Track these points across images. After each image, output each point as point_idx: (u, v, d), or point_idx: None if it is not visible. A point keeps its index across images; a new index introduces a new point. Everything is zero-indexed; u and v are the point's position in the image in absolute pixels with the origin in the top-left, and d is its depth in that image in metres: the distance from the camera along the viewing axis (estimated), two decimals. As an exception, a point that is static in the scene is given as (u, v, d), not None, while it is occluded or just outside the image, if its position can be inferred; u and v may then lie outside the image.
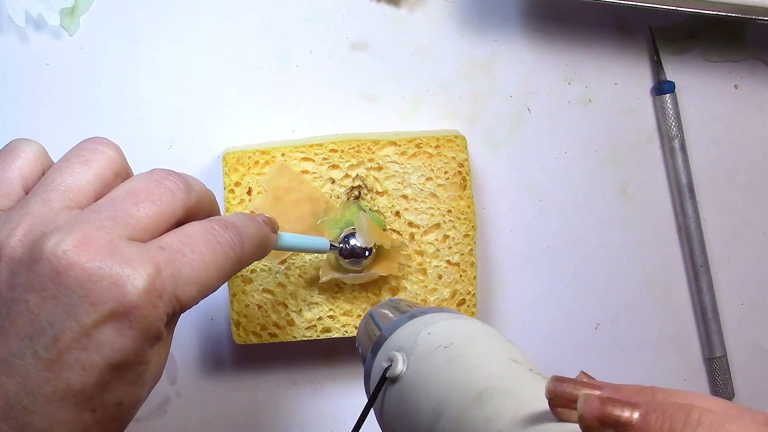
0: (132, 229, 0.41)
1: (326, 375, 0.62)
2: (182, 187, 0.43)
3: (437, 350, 0.39)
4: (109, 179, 0.43)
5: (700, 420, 0.28)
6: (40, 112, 0.60)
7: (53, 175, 0.42)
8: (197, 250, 0.42)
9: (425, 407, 0.37)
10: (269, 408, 0.61)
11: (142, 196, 0.42)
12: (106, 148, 0.43)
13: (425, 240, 0.57)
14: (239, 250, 0.44)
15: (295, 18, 0.60)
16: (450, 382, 0.36)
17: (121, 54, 0.60)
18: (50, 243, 0.39)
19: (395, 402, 0.39)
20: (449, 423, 0.35)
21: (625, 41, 0.62)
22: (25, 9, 0.59)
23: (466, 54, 0.61)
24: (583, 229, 0.62)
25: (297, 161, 0.57)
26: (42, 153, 0.44)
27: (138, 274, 0.39)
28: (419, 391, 0.38)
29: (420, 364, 0.39)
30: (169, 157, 0.60)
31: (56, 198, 0.41)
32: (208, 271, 0.42)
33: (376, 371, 0.41)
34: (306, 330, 0.57)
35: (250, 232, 0.45)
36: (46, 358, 0.39)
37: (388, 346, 0.41)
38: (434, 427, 0.36)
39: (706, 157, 0.63)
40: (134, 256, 0.39)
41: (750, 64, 0.63)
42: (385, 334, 0.42)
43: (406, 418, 0.38)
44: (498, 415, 0.33)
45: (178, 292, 0.41)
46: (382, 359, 0.41)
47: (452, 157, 0.57)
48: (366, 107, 0.61)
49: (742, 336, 0.63)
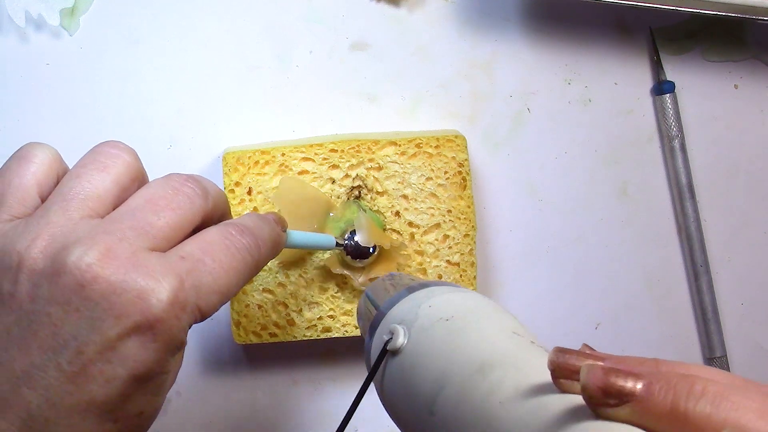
0: (153, 239, 0.40)
1: (326, 375, 0.62)
2: (200, 194, 0.43)
3: (438, 323, 0.38)
4: (126, 185, 0.43)
5: (704, 390, 0.27)
6: (40, 112, 0.60)
7: (71, 183, 0.42)
8: (217, 258, 0.42)
9: (427, 380, 0.37)
10: (269, 408, 0.61)
11: (161, 204, 0.41)
12: (123, 153, 0.43)
13: (425, 240, 0.57)
14: (256, 254, 0.44)
15: (295, 18, 0.60)
16: (452, 354, 0.36)
17: (121, 54, 0.60)
18: (73, 256, 0.39)
19: (396, 375, 0.39)
20: (451, 395, 0.35)
21: (625, 41, 0.62)
22: (25, 9, 0.59)
23: (466, 54, 0.61)
24: (583, 229, 0.62)
25: (297, 161, 0.57)
26: (56, 157, 0.44)
27: (162, 287, 0.39)
28: (420, 364, 0.38)
29: (421, 337, 0.39)
30: (169, 157, 0.60)
31: (75, 207, 0.41)
32: (228, 278, 0.42)
33: (376, 345, 0.41)
34: (306, 330, 0.57)
35: (264, 234, 0.45)
36: (69, 371, 0.38)
37: (389, 320, 0.41)
38: (436, 400, 0.35)
39: (706, 157, 0.63)
40: (157, 268, 0.39)
41: (750, 64, 0.63)
42: (384, 309, 0.42)
43: (407, 391, 0.38)
44: (500, 386, 0.33)
45: (200, 302, 0.41)
46: (383, 333, 0.41)
47: (452, 157, 0.57)
48: (366, 107, 0.61)
49: (742, 336, 0.63)
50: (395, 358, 0.39)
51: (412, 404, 0.37)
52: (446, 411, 0.35)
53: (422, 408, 0.36)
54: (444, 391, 0.35)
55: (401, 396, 0.39)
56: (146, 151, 0.60)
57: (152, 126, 0.60)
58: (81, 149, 0.60)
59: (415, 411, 0.37)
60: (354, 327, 0.57)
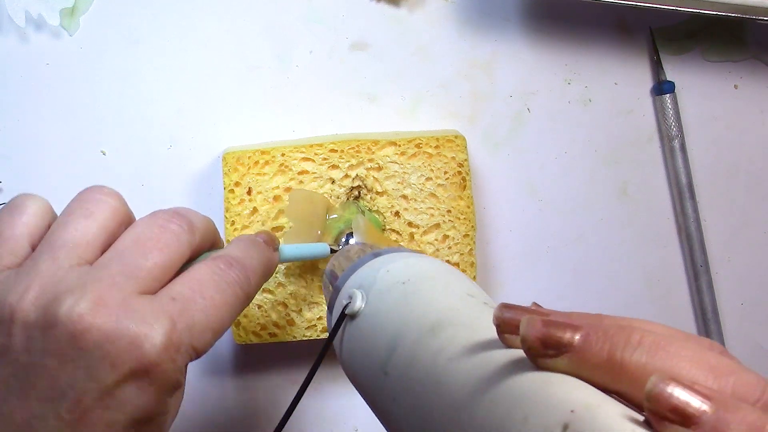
0: (143, 282, 0.41)
1: (326, 375, 0.62)
2: (186, 229, 0.43)
3: (395, 286, 0.39)
4: (113, 230, 0.43)
5: (641, 341, 0.28)
6: (40, 112, 0.60)
7: (59, 231, 0.42)
8: (207, 295, 0.42)
9: (382, 341, 0.37)
10: (269, 408, 0.61)
11: (148, 245, 0.42)
12: (109, 198, 0.43)
13: (425, 240, 0.57)
14: (246, 286, 0.44)
15: (295, 18, 0.60)
16: (406, 316, 0.37)
17: (121, 54, 0.60)
18: (64, 307, 0.39)
19: (354, 338, 0.40)
20: (403, 355, 0.35)
21: (625, 41, 0.62)
22: (25, 9, 0.59)
23: (466, 54, 0.61)
24: (583, 229, 0.62)
25: (297, 161, 0.57)
26: (47, 208, 0.44)
27: (155, 332, 0.39)
28: (377, 326, 0.38)
29: (378, 301, 0.40)
30: (169, 157, 0.60)
31: (64, 255, 0.41)
32: (221, 314, 0.42)
33: (336, 309, 0.42)
34: (306, 330, 0.57)
35: (254, 263, 0.45)
36: (69, 419, 0.39)
37: (349, 285, 0.42)
38: (389, 360, 0.36)
39: (706, 157, 0.63)
40: (149, 312, 0.40)
41: (750, 64, 0.63)
42: (345, 277, 0.43)
43: (364, 353, 0.39)
44: (450, 344, 0.33)
45: (194, 341, 0.41)
46: (343, 297, 0.41)
47: (452, 157, 0.57)
48: (366, 107, 0.61)
49: (742, 336, 0.63)
50: (353, 322, 0.40)
51: (368, 365, 0.38)
52: (398, 371, 0.35)
53: (377, 368, 0.37)
54: (397, 351, 0.36)
55: (358, 358, 0.39)
56: (146, 151, 0.60)
57: (152, 126, 0.60)
58: (81, 150, 0.60)
59: (371, 372, 0.38)
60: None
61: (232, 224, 0.56)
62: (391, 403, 0.36)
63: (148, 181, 0.60)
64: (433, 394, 0.33)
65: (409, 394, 0.34)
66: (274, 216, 0.57)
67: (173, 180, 0.60)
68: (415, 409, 0.33)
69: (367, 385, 0.39)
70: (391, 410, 0.36)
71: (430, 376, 0.33)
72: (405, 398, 0.34)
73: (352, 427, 0.62)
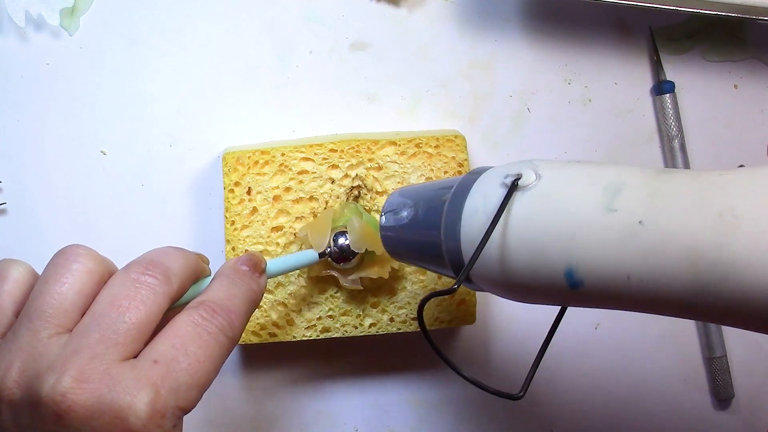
0: (122, 348, 0.40)
1: (326, 375, 0.62)
2: (162, 280, 0.43)
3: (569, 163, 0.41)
4: (90, 291, 0.42)
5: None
6: (40, 112, 0.60)
7: (36, 302, 0.42)
8: (190, 352, 0.41)
9: (594, 191, 0.38)
10: (269, 408, 0.61)
11: (124, 305, 0.41)
12: (83, 259, 0.43)
13: (425, 240, 0.57)
14: (230, 332, 0.43)
15: (295, 18, 0.60)
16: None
17: (121, 54, 0.60)
18: (47, 386, 0.39)
19: (532, 207, 0.40)
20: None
21: (625, 41, 0.62)
22: (25, 9, 0.59)
23: (466, 54, 0.61)
24: (583, 229, 0.62)
25: (297, 161, 0.57)
26: (30, 273, 0.44)
27: (138, 402, 0.39)
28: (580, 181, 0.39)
29: (554, 173, 0.40)
30: (169, 156, 0.60)
31: (42, 326, 0.41)
32: (205, 369, 0.42)
33: (475, 203, 0.42)
34: (306, 330, 0.57)
35: (237, 303, 0.45)
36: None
37: (484, 181, 0.42)
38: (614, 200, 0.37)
39: (706, 157, 0.63)
40: (131, 382, 0.39)
41: (750, 64, 0.63)
42: (468, 180, 0.43)
43: (558, 211, 0.39)
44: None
45: (180, 402, 0.41)
46: (483, 192, 0.42)
47: (452, 157, 0.57)
48: (366, 107, 0.61)
49: (742, 336, 0.63)
50: (529, 192, 0.40)
51: (568, 221, 0.38)
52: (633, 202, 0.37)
53: (592, 210, 0.38)
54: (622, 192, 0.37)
55: (544, 222, 0.39)
56: (146, 150, 0.60)
57: (152, 126, 0.60)
58: (81, 150, 0.60)
59: (576, 223, 0.38)
60: (353, 327, 0.57)
61: (232, 224, 0.56)
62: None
63: (148, 181, 0.60)
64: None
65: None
66: (274, 216, 0.57)
67: (173, 180, 0.60)
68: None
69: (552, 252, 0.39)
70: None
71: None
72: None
73: (352, 427, 0.62)
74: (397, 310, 0.57)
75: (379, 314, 0.57)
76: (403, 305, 0.57)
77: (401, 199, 0.48)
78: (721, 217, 0.34)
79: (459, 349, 0.62)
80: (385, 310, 0.57)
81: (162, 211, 0.60)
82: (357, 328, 0.57)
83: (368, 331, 0.57)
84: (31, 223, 0.60)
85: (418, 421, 0.62)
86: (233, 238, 0.56)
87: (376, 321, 0.57)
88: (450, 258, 0.43)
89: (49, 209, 0.60)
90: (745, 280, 0.33)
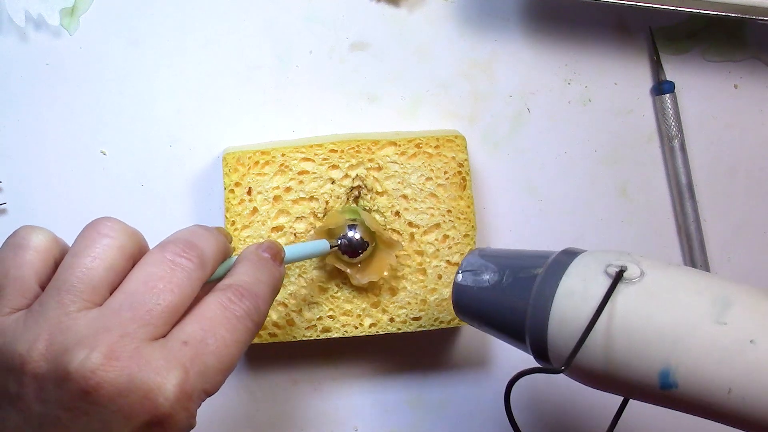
0: (154, 328, 0.40)
1: (326, 375, 0.62)
2: (198, 264, 0.42)
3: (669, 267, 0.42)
4: (121, 267, 0.42)
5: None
6: (40, 112, 0.60)
7: (65, 275, 0.41)
8: (219, 335, 0.41)
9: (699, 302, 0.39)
10: (269, 408, 0.61)
11: (159, 286, 0.41)
12: (115, 234, 0.42)
13: (425, 240, 0.57)
14: (257, 317, 0.44)
15: (295, 18, 0.60)
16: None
17: (121, 54, 0.60)
18: (76, 361, 0.38)
19: (636, 302, 0.41)
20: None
21: (625, 41, 0.62)
22: (25, 9, 0.59)
23: (466, 54, 0.61)
24: (583, 229, 0.62)
25: (297, 161, 0.57)
26: (52, 241, 0.43)
27: (168, 383, 0.39)
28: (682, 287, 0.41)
29: (658, 273, 0.41)
30: (169, 157, 0.60)
31: (71, 300, 0.40)
32: (231, 353, 0.42)
33: (572, 285, 0.42)
34: (306, 330, 0.57)
35: (263, 289, 0.45)
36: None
37: (583, 262, 0.43)
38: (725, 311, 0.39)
39: (706, 157, 0.63)
40: (161, 363, 0.39)
41: (750, 64, 0.63)
42: (564, 259, 0.44)
43: (666, 311, 0.40)
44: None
45: (206, 385, 0.41)
46: (592, 269, 0.42)
47: (452, 157, 0.57)
48: (366, 107, 0.61)
49: None
50: (633, 287, 0.41)
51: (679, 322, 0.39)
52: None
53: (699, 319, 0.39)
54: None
55: (649, 321, 0.40)
56: (146, 151, 0.60)
57: (152, 126, 0.60)
58: (81, 150, 0.60)
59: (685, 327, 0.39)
60: (354, 327, 0.57)
61: (233, 224, 0.56)
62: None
63: (148, 181, 0.60)
64: None
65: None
66: (274, 216, 0.57)
67: (173, 180, 0.60)
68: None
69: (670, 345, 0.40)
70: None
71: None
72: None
73: (352, 427, 0.62)
74: (397, 310, 0.57)
75: (379, 314, 0.57)
76: (403, 305, 0.57)
77: (482, 261, 0.47)
78: None
79: (459, 349, 0.62)
80: (386, 310, 0.57)
81: (162, 212, 0.60)
82: (357, 328, 0.57)
83: (368, 331, 0.57)
84: (31, 223, 0.59)
85: (418, 421, 0.62)
86: (234, 238, 0.56)
87: (376, 321, 0.57)
88: (532, 333, 0.43)
89: (49, 209, 0.60)
90: None
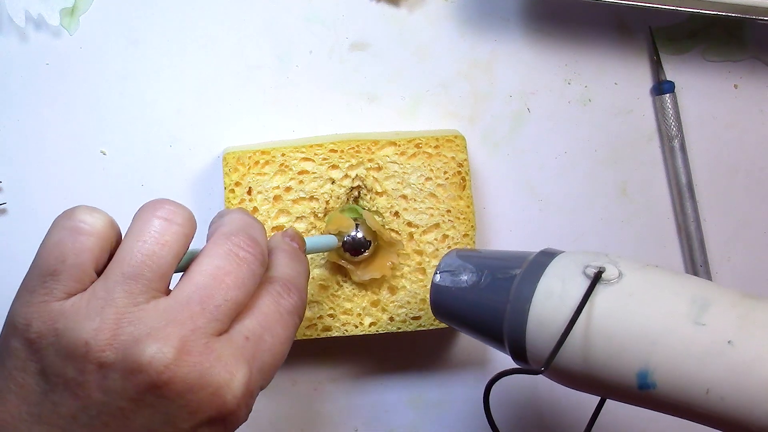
0: (221, 324, 0.40)
1: (326, 375, 0.62)
2: (260, 261, 0.42)
3: (647, 267, 0.42)
4: (182, 254, 0.41)
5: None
6: (40, 112, 0.60)
7: (133, 260, 0.40)
8: (275, 332, 0.42)
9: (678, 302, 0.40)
10: (270, 408, 0.61)
11: (227, 281, 0.41)
12: (181, 220, 0.41)
13: (424, 240, 0.57)
14: (302, 311, 0.44)
15: (295, 18, 0.60)
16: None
17: (121, 54, 0.60)
18: (147, 354, 0.38)
19: (620, 300, 0.41)
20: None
21: (625, 41, 0.62)
22: (25, 9, 0.59)
23: (466, 54, 0.61)
24: (583, 229, 0.62)
25: (297, 161, 0.57)
26: (109, 226, 0.41)
27: (236, 380, 0.39)
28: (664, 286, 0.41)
29: (636, 273, 0.42)
30: (169, 156, 0.60)
31: (140, 290, 0.39)
32: (284, 350, 0.42)
33: (551, 286, 0.42)
34: (306, 329, 0.57)
35: (303, 281, 0.45)
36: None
37: (562, 264, 0.43)
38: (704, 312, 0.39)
39: (706, 157, 0.63)
40: (230, 360, 0.40)
41: (750, 64, 0.63)
42: (546, 254, 0.44)
43: (644, 310, 0.40)
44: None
45: (263, 382, 0.42)
46: (569, 270, 0.42)
47: (452, 157, 0.57)
48: (366, 107, 0.61)
49: None
50: (611, 288, 0.41)
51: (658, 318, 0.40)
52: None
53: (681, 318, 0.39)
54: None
55: (629, 317, 0.40)
56: (146, 150, 0.60)
57: (152, 126, 0.60)
58: (81, 150, 0.60)
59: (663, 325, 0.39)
60: (354, 326, 0.57)
61: (232, 224, 0.57)
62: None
63: (148, 181, 0.60)
64: None
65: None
66: (275, 216, 0.57)
67: (173, 180, 0.60)
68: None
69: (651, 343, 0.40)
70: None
71: None
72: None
73: (352, 427, 0.62)
74: (397, 309, 0.57)
75: (379, 313, 0.57)
76: (403, 304, 0.57)
77: (460, 262, 0.47)
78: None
79: (459, 349, 0.62)
80: (385, 309, 0.57)
81: (162, 211, 0.60)
82: (357, 327, 0.57)
83: (368, 330, 0.57)
84: (31, 223, 0.60)
85: (418, 421, 0.62)
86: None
87: (376, 320, 0.57)
88: (510, 334, 0.43)
89: (49, 209, 0.59)
90: None
